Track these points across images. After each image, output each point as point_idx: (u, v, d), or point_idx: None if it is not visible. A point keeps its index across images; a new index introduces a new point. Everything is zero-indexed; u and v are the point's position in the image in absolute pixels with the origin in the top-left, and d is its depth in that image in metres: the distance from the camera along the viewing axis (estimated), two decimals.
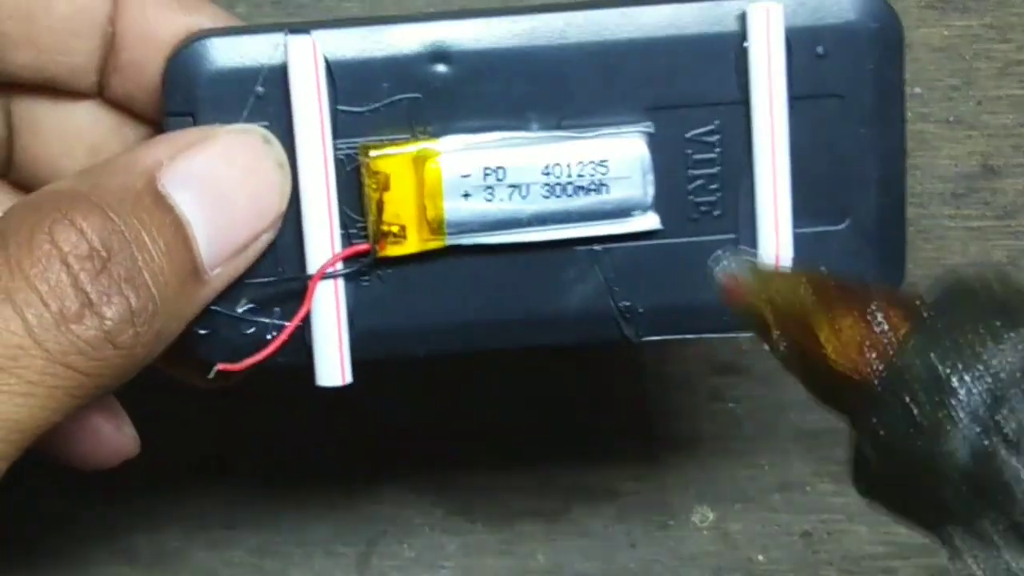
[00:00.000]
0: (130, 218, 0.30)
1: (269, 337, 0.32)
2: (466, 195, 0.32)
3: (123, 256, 0.29)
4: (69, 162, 0.36)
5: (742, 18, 0.32)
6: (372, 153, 0.32)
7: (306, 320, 0.32)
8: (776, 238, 0.32)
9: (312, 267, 0.32)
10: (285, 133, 0.32)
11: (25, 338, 0.28)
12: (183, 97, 0.32)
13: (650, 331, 0.33)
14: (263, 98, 0.32)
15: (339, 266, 0.32)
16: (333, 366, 0.32)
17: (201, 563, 0.46)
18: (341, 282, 0.32)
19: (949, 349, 0.25)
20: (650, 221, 0.32)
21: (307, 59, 0.31)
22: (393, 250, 0.32)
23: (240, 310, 0.32)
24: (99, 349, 0.29)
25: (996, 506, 0.24)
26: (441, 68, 0.32)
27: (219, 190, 0.31)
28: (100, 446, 0.36)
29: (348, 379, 0.32)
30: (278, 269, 0.32)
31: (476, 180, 0.32)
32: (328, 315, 0.32)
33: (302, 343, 0.32)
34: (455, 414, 0.46)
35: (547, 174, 0.32)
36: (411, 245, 0.32)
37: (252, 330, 0.32)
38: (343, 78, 0.32)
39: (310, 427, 0.46)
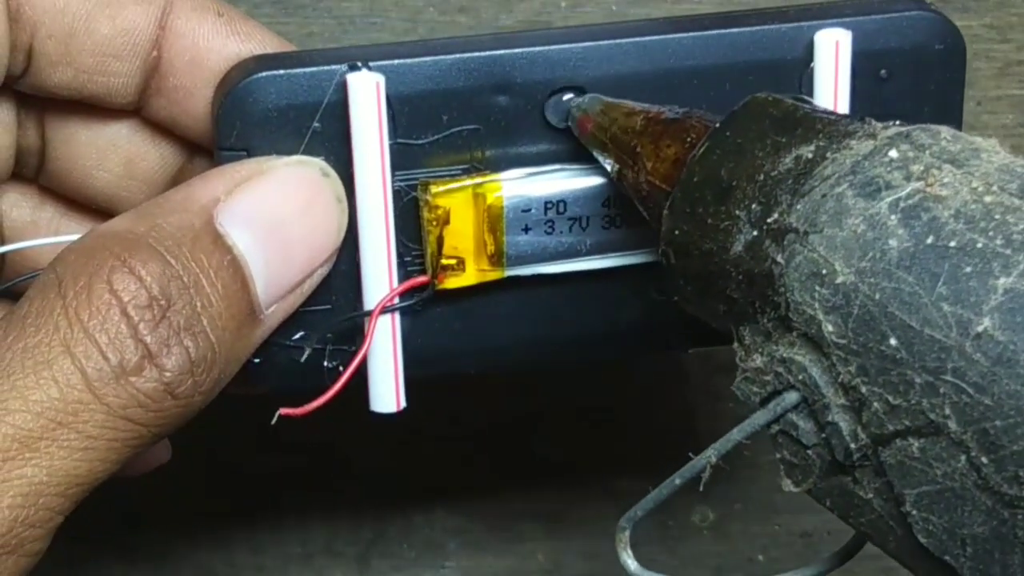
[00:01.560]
0: (189, 262, 0.29)
1: (326, 364, 0.32)
2: (527, 229, 0.31)
3: (182, 303, 0.29)
4: (104, 174, 0.35)
5: (809, 44, 0.31)
6: (433, 189, 0.31)
7: (365, 354, 0.32)
8: None
9: (370, 301, 0.31)
10: (343, 166, 0.31)
11: (85, 392, 0.28)
12: (238, 133, 0.31)
13: (696, 343, 0.34)
14: (320, 133, 0.31)
15: (396, 300, 0.32)
16: (388, 394, 0.32)
17: (202, 562, 0.46)
18: (398, 315, 0.32)
19: (733, 159, 0.26)
20: None
21: (369, 97, 0.30)
22: (452, 283, 0.32)
23: (295, 339, 0.32)
24: (159, 401, 0.28)
25: (766, 299, 0.25)
26: (501, 99, 0.31)
27: (277, 227, 0.30)
28: (142, 457, 0.36)
29: (402, 405, 0.32)
30: (332, 298, 0.32)
31: (537, 214, 0.31)
32: (384, 347, 0.32)
33: (358, 373, 0.32)
34: (455, 414, 0.46)
35: (607, 206, 0.32)
36: (469, 277, 0.32)
37: (306, 358, 0.32)
38: (402, 112, 0.31)
39: (309, 426, 0.46)
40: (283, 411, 0.31)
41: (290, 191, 0.31)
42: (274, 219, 0.30)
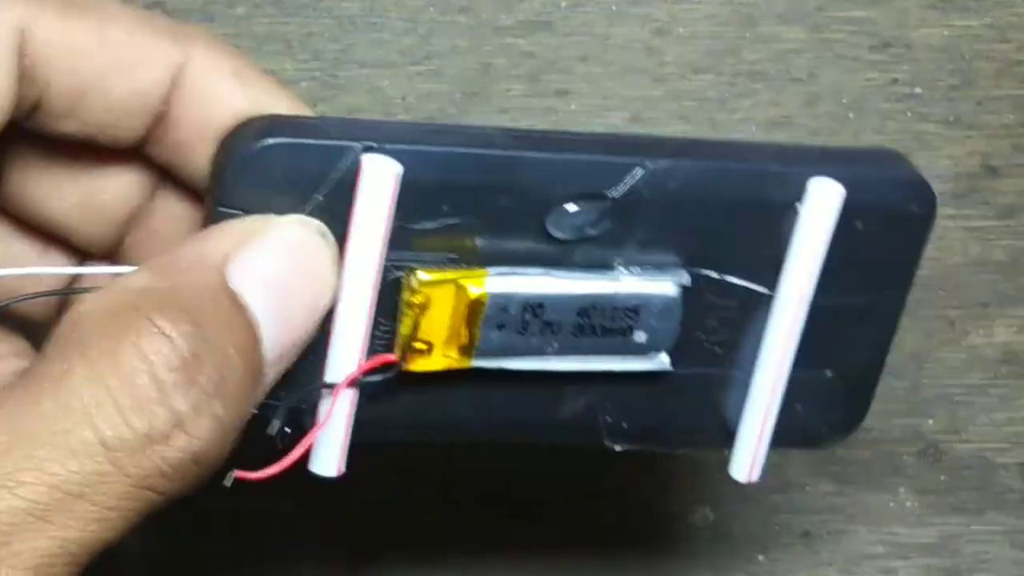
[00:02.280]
0: (213, 324, 0.28)
1: (278, 430, 0.31)
2: (501, 326, 0.31)
3: (211, 366, 0.27)
4: (60, 203, 0.34)
5: (799, 186, 0.32)
6: (420, 277, 0.31)
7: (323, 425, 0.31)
8: (772, 383, 0.33)
9: (333, 372, 0.31)
10: (336, 238, 0.30)
11: (105, 464, 0.26)
12: (239, 194, 0.30)
13: (628, 442, 0.34)
14: (321, 204, 0.30)
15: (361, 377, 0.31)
16: (331, 460, 0.32)
17: (203, 562, 0.47)
18: (358, 391, 0.31)
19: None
20: (661, 362, 0.33)
21: (382, 184, 0.30)
22: (418, 365, 0.31)
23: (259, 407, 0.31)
24: (183, 470, 0.27)
25: None
26: (505, 200, 0.31)
27: (281, 285, 0.30)
28: None
29: (342, 470, 0.32)
30: (296, 369, 0.31)
31: (513, 315, 0.31)
32: (339, 417, 0.31)
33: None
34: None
35: (581, 315, 0.32)
36: (436, 362, 0.31)
37: (263, 427, 0.31)
38: (406, 196, 0.30)
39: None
40: (239, 474, 0.29)
41: (293, 251, 0.30)
42: (279, 278, 0.30)
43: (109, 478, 0.26)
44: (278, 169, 0.30)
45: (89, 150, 0.33)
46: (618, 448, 0.34)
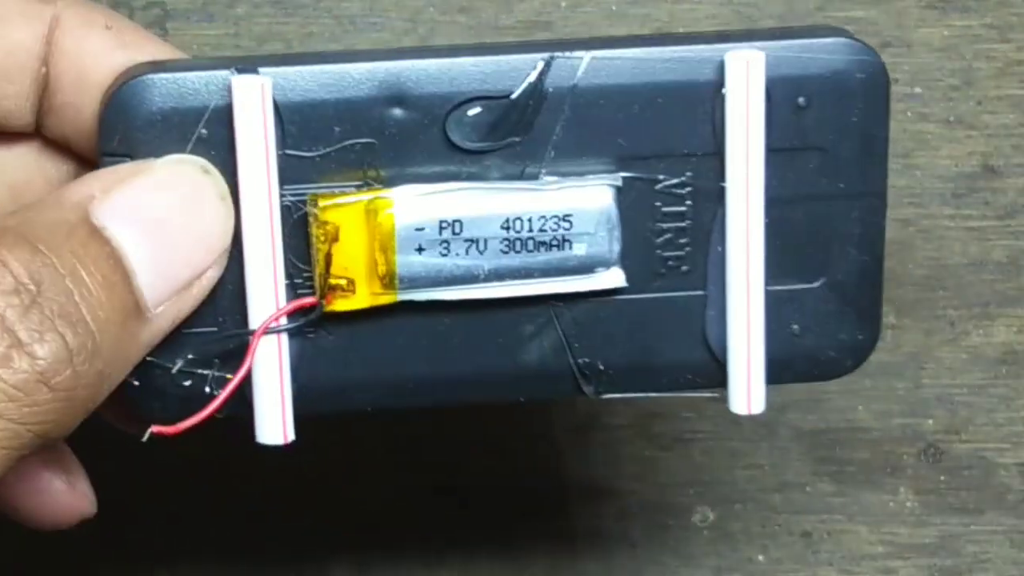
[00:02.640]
0: (63, 250, 0.27)
1: (208, 391, 0.30)
2: (420, 249, 0.30)
3: (56, 290, 0.27)
4: None
5: (720, 66, 0.30)
6: (322, 203, 0.30)
7: (247, 376, 0.30)
8: (747, 296, 0.31)
9: (255, 321, 0.30)
10: (229, 178, 0.30)
11: None
12: (120, 137, 0.30)
13: (610, 388, 0.32)
14: (206, 140, 0.30)
15: (283, 320, 0.30)
16: (275, 424, 0.30)
17: (202, 563, 0.47)
18: (284, 337, 0.30)
19: None
20: (614, 278, 0.31)
21: (254, 100, 0.29)
22: (341, 305, 0.30)
23: (178, 362, 0.30)
24: (33, 393, 0.26)
25: None
26: (398, 112, 0.30)
27: (158, 222, 0.29)
28: (51, 504, 0.34)
29: (290, 437, 0.31)
30: (218, 319, 0.31)
31: (431, 234, 0.30)
32: (270, 371, 0.30)
33: (242, 397, 0.30)
34: (455, 413, 0.46)
35: (506, 228, 0.30)
36: (360, 300, 0.30)
37: (189, 383, 0.31)
38: (292, 121, 0.30)
39: (308, 425, 0.46)
40: (155, 428, 0.29)
41: (170, 187, 0.29)
42: (154, 214, 0.29)
43: None
44: (154, 105, 0.30)
45: (10, 144, 0.33)
46: (602, 396, 0.32)
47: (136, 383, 0.30)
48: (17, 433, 0.26)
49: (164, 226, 0.29)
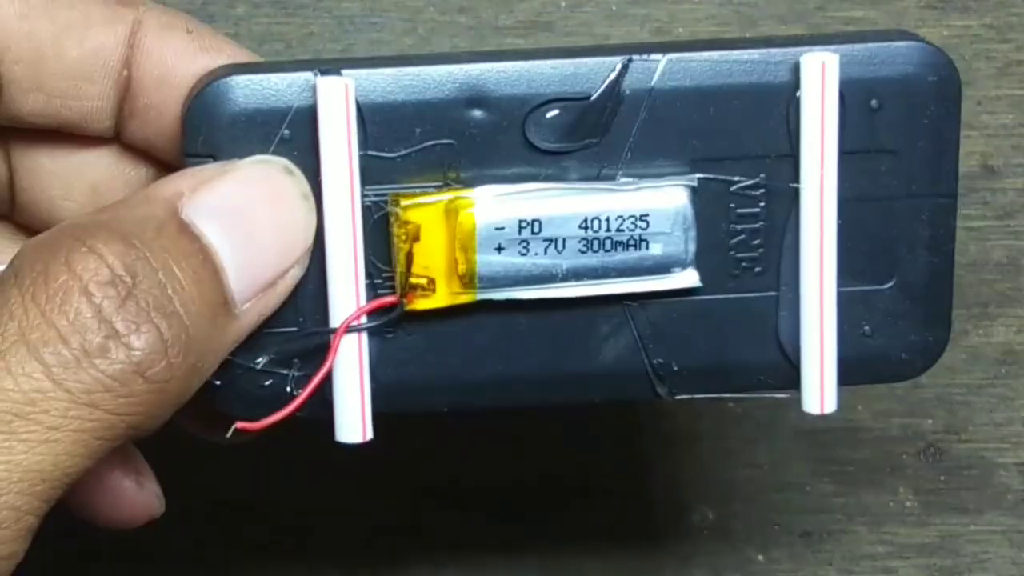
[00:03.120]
0: (154, 245, 0.28)
1: (288, 390, 0.31)
2: (499, 248, 0.30)
3: (150, 283, 0.27)
4: (70, 204, 0.34)
5: (795, 68, 0.31)
6: (403, 202, 0.30)
7: (327, 374, 0.31)
8: (820, 297, 0.31)
9: (335, 320, 0.30)
10: (312, 178, 0.30)
11: (44, 380, 0.26)
12: (203, 138, 0.30)
13: (684, 389, 0.32)
14: (288, 140, 0.30)
15: (363, 319, 0.31)
16: (354, 422, 0.31)
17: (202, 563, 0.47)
18: (365, 336, 0.31)
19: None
20: (689, 278, 0.31)
21: (338, 102, 0.30)
22: (421, 304, 0.31)
23: (259, 361, 0.31)
24: (128, 384, 0.27)
25: None
26: (477, 113, 0.30)
27: (244, 220, 0.29)
28: (121, 503, 0.34)
29: (369, 435, 0.31)
30: (299, 319, 0.31)
31: (511, 233, 0.30)
32: (350, 370, 0.31)
33: (322, 397, 0.31)
34: (455, 413, 0.46)
35: (584, 228, 0.31)
36: (440, 299, 0.31)
37: (270, 382, 0.31)
38: (374, 122, 0.30)
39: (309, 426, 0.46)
40: (239, 424, 0.30)
41: (254, 187, 0.30)
42: (240, 213, 0.29)
43: (48, 395, 0.26)
44: (237, 106, 0.30)
45: (92, 147, 0.34)
46: (676, 397, 0.32)
47: (218, 383, 0.31)
48: (112, 424, 0.27)
49: (249, 225, 0.29)
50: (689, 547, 0.47)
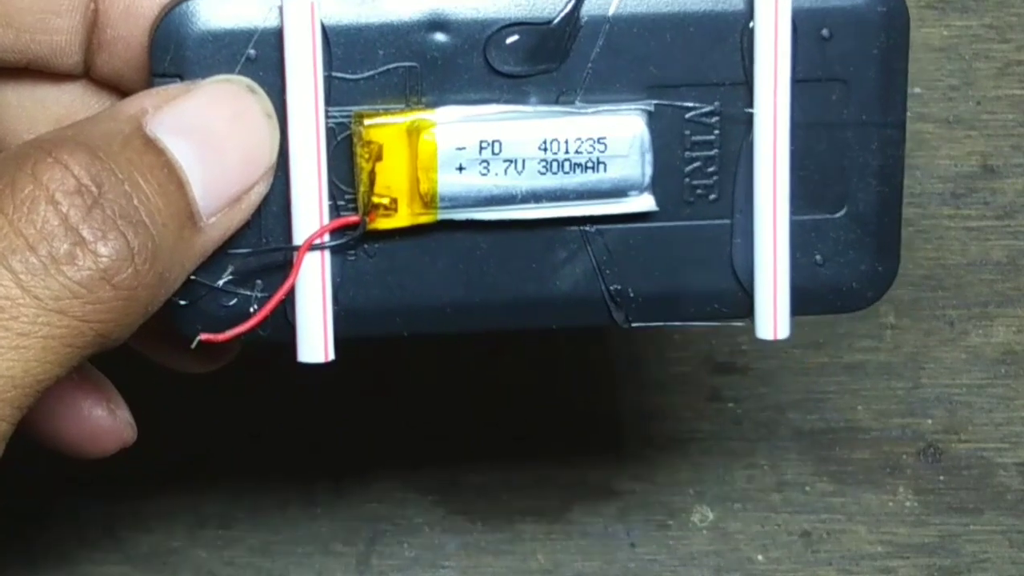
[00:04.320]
0: (120, 158, 0.28)
1: (252, 310, 0.31)
2: (460, 168, 0.31)
3: (116, 193, 0.28)
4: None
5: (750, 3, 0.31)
6: (366, 122, 0.31)
7: (290, 295, 0.31)
8: (773, 225, 0.32)
9: (299, 238, 0.31)
10: (277, 98, 0.31)
11: (13, 288, 0.27)
12: (171, 58, 0.31)
13: (640, 317, 0.33)
14: (255, 61, 0.31)
15: (326, 238, 0.31)
16: (316, 342, 0.31)
17: (201, 563, 0.46)
18: (327, 255, 0.31)
19: None
20: (645, 202, 0.32)
21: (304, 22, 0.30)
22: (383, 223, 0.31)
23: (223, 280, 0.31)
24: (96, 291, 0.27)
25: None
26: (439, 37, 0.31)
27: (208, 136, 0.30)
28: (93, 431, 0.35)
29: (331, 356, 0.31)
30: (263, 240, 0.31)
31: (471, 153, 0.31)
32: (313, 289, 0.31)
33: (285, 318, 0.31)
34: (456, 413, 0.46)
35: (544, 149, 0.31)
36: (402, 218, 0.31)
37: (234, 302, 0.31)
38: (339, 44, 0.31)
39: (309, 426, 0.46)
40: (203, 335, 0.30)
41: (219, 104, 0.30)
42: (204, 128, 0.30)
43: (18, 302, 0.27)
44: (204, 26, 0.31)
45: (59, 83, 0.34)
46: (631, 324, 0.32)
47: (183, 303, 0.31)
48: (80, 331, 0.27)
49: (213, 140, 0.30)
50: (689, 547, 0.47)
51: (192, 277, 0.30)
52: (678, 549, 0.47)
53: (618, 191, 0.32)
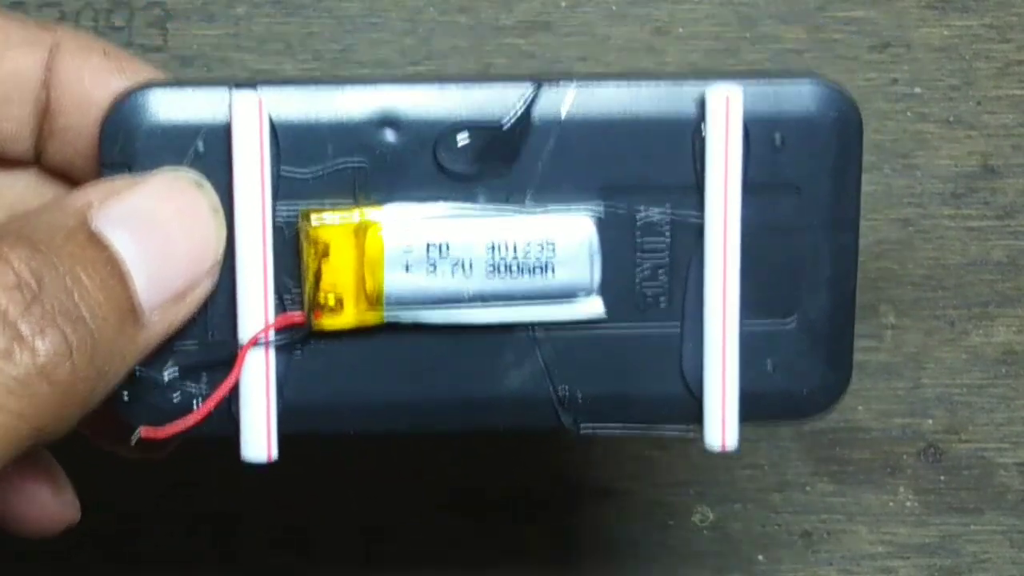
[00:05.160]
0: (62, 252, 0.28)
1: (196, 405, 0.31)
2: (407, 267, 0.31)
3: (56, 288, 0.27)
4: None
5: (702, 102, 0.31)
6: (313, 219, 0.30)
7: (234, 390, 0.31)
8: (723, 332, 0.31)
9: (244, 335, 0.31)
10: (224, 194, 0.30)
11: None
12: (120, 149, 0.30)
13: (589, 419, 0.32)
14: (203, 155, 0.30)
15: (271, 335, 0.31)
16: (259, 440, 0.31)
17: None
18: (272, 352, 0.31)
19: None
20: (594, 307, 0.31)
21: (252, 118, 0.30)
22: (329, 322, 0.31)
23: (167, 374, 0.31)
24: (32, 386, 0.27)
25: None
26: (389, 135, 0.31)
27: (153, 230, 0.29)
28: (38, 512, 0.35)
29: (274, 455, 0.31)
30: (209, 335, 0.31)
31: (419, 254, 0.31)
32: (257, 386, 0.31)
33: (229, 414, 0.31)
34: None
35: (492, 251, 0.31)
36: (347, 318, 0.31)
37: (178, 397, 0.31)
38: (287, 139, 0.30)
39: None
40: (143, 430, 0.30)
41: (164, 198, 0.30)
42: (150, 223, 0.29)
43: None
44: (154, 118, 0.30)
45: (24, 174, 0.34)
46: (580, 429, 0.32)
47: (126, 396, 0.31)
48: (16, 427, 0.27)
49: (158, 235, 0.30)
50: (689, 547, 0.47)
51: (137, 370, 0.30)
52: (678, 549, 0.47)
53: (567, 294, 0.31)
